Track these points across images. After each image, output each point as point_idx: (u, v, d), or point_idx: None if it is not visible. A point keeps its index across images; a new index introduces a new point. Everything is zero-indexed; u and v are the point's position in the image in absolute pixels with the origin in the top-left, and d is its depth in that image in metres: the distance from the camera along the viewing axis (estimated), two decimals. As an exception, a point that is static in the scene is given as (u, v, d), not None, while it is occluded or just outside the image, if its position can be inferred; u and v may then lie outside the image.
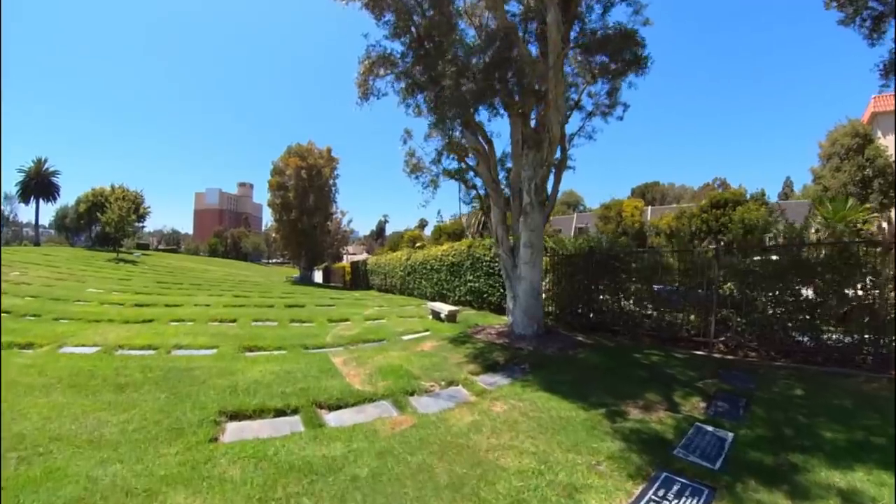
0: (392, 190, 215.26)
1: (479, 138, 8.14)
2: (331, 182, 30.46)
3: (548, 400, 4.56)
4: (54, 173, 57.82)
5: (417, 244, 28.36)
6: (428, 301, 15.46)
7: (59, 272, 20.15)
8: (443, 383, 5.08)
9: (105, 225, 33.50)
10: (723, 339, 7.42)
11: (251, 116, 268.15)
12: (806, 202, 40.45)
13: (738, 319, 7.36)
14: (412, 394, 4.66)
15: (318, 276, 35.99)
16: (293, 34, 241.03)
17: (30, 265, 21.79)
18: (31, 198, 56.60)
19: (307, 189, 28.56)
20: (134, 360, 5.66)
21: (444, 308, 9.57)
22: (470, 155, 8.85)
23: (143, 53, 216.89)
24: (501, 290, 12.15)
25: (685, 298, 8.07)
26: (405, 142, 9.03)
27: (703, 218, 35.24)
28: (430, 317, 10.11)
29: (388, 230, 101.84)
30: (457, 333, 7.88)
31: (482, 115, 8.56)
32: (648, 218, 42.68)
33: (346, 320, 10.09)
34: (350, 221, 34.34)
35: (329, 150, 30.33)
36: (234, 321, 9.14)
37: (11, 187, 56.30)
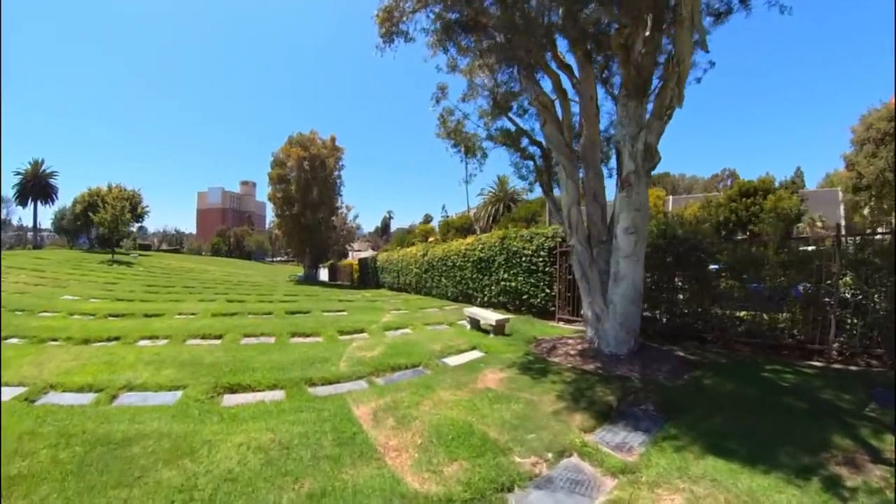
0: (395, 187, 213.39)
1: (551, 89, 6.02)
2: (336, 174, 28.23)
3: (730, 472, 2.86)
4: (52, 174, 56.48)
5: (430, 238, 26.30)
6: (451, 302, 13.47)
7: (41, 277, 18.29)
8: (550, 456, 3.03)
9: (98, 225, 31.66)
10: (836, 345, 6.02)
11: (251, 115, 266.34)
12: (829, 191, 38.14)
13: (855, 321, 6.06)
14: (510, 488, 2.63)
15: (323, 275, 34.08)
16: (291, 25, 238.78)
17: (13, 270, 19.94)
18: (29, 200, 55.28)
19: (310, 181, 26.35)
20: (56, 417, 3.66)
21: (489, 316, 7.50)
22: (522, 116, 6.76)
23: (141, 53, 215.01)
24: (547, 291, 10.11)
25: (785, 297, 6.63)
26: (438, 101, 6.97)
27: (731, 207, 33.27)
28: (469, 326, 8.05)
29: (393, 227, 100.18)
30: (521, 355, 5.82)
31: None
32: (670, 208, 40.41)
33: (362, 331, 8.09)
34: (356, 216, 32.18)
35: (333, 140, 28.03)
36: (219, 337, 7.14)
37: (8, 190, 54.87)
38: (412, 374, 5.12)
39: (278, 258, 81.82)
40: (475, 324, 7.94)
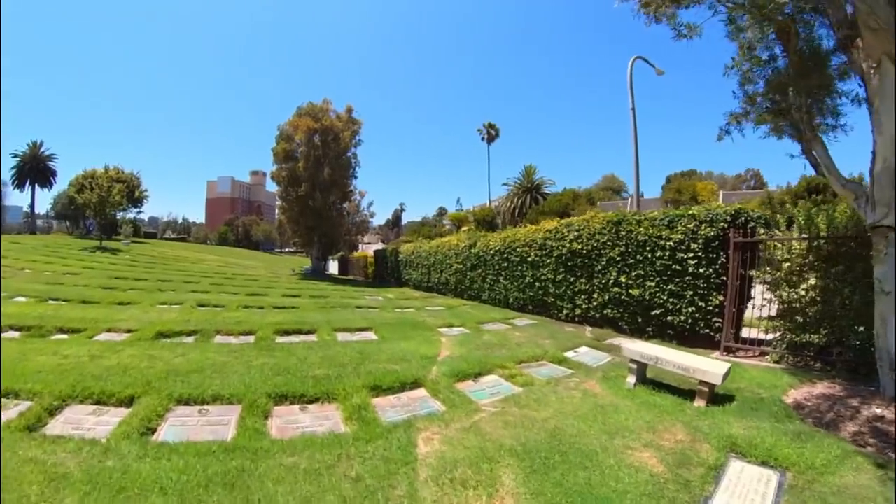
0: (405, 180, 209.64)
1: None
2: (351, 151, 23.99)
3: None
4: (50, 157, 53.63)
5: (464, 227, 22.25)
6: (516, 312, 9.41)
7: (-9, 264, 14.74)
8: None
9: (83, 207, 28.30)
10: None
11: (261, 103, 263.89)
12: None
13: None
14: None
15: (332, 267, 30.26)
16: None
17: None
18: (27, 183, 52.59)
19: (321, 159, 22.23)
20: None
21: (705, 367, 3.51)
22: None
23: (161, 42, 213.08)
24: (700, 304, 6.04)
25: None
26: None
27: (798, 205, 28.85)
28: (634, 380, 4.09)
29: (404, 220, 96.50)
30: None
31: None
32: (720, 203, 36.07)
33: (416, 385, 4.24)
34: (370, 204, 27.90)
35: (350, 111, 23.61)
36: (126, 403, 3.33)
37: (6, 173, 52.36)
38: None
39: (287, 249, 78.66)
40: (641, 373, 3.99)
